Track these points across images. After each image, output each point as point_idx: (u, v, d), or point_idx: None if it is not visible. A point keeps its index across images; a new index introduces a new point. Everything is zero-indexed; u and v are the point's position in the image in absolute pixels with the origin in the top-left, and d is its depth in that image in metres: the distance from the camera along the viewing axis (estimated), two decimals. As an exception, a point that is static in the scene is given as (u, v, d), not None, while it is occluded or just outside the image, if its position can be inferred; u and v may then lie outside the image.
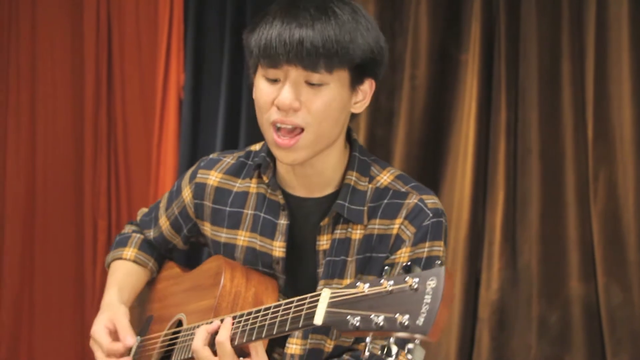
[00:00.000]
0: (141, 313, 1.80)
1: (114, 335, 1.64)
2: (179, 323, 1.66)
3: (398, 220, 1.54)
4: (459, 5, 3.11)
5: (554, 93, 2.98)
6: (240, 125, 3.41)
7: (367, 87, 1.54)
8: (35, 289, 3.84)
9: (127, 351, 1.62)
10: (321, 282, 1.56)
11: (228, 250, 1.65)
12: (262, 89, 1.50)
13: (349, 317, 1.20)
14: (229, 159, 1.70)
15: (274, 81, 1.48)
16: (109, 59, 3.71)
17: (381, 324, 1.16)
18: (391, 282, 1.18)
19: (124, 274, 1.77)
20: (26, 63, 3.80)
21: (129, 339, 1.61)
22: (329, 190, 1.58)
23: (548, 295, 2.97)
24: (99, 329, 1.64)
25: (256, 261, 1.62)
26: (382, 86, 3.20)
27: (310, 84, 1.47)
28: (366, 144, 3.18)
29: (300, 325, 1.32)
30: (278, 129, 1.49)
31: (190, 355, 1.52)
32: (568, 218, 2.96)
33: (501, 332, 3.01)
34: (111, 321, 1.64)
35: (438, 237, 1.56)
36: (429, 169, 3.15)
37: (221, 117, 3.43)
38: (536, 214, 2.98)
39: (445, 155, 3.14)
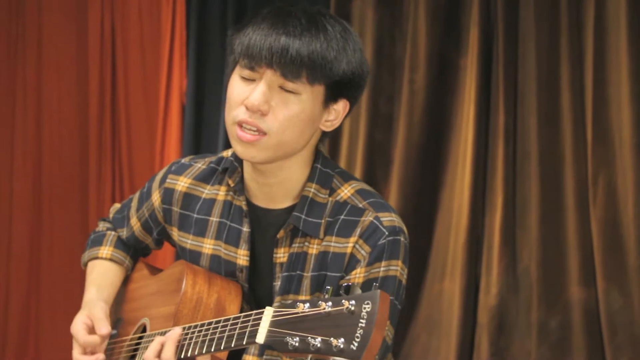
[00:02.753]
0: (113, 315, 1.81)
1: (92, 331, 1.63)
2: (144, 328, 1.66)
3: (353, 239, 1.50)
4: (458, 11, 3.11)
5: (552, 97, 2.97)
6: (242, 131, 3.42)
7: (341, 108, 1.52)
8: (41, 293, 3.87)
9: (104, 341, 1.62)
10: (277, 297, 1.55)
11: (193, 257, 1.64)
12: (236, 87, 1.49)
13: (287, 337, 1.21)
14: (200, 164, 1.68)
15: (250, 81, 1.47)
16: (112, 66, 3.75)
17: (318, 346, 1.17)
18: (329, 304, 1.19)
19: (101, 273, 1.76)
20: (32, 71, 3.84)
21: (104, 329, 1.61)
22: (289, 202, 1.56)
23: (548, 300, 2.95)
24: (76, 325, 1.63)
25: (220, 269, 1.61)
26: (382, 91, 3.21)
27: (284, 89, 1.45)
28: (365, 148, 3.19)
29: (244, 342, 1.31)
30: (241, 127, 1.48)
31: None
32: (567, 222, 2.95)
33: (500, 337, 2.99)
34: (88, 317, 1.64)
35: (395, 256, 1.51)
36: (428, 174, 3.15)
37: (223, 122, 3.45)
38: (535, 219, 2.97)
39: (444, 159, 3.13)
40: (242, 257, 1.58)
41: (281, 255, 1.55)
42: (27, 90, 3.86)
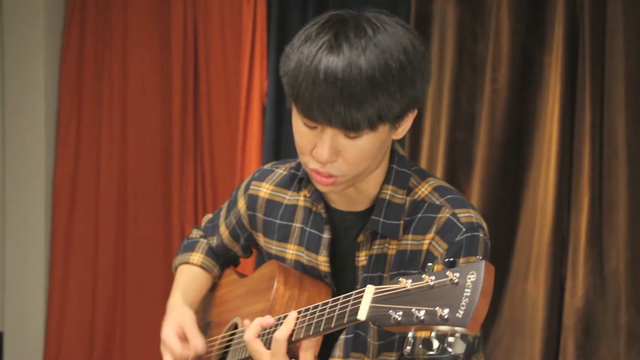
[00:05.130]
0: (202, 320, 1.85)
1: (185, 340, 1.67)
2: (235, 327, 1.69)
3: (429, 236, 1.49)
4: (542, 7, 3.05)
5: (641, 94, 2.89)
6: (322, 131, 3.43)
7: (410, 118, 1.47)
8: (127, 292, 3.97)
9: (198, 356, 1.66)
10: None
11: None
12: (301, 132, 1.43)
13: (391, 311, 1.21)
14: (282, 170, 1.70)
15: (312, 127, 1.41)
16: (195, 68, 3.82)
17: (422, 317, 1.17)
18: (432, 277, 1.19)
19: (189, 278, 1.81)
20: (118, 74, 3.95)
21: (200, 346, 1.65)
22: (368, 204, 1.55)
23: (637, 303, 2.87)
24: (170, 335, 1.68)
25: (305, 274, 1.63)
26: (463, 90, 3.17)
27: (348, 137, 1.40)
28: (447, 147, 3.16)
29: (345, 321, 1.32)
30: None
31: (244, 356, 1.55)
32: (658, 223, 2.86)
33: (587, 340, 2.93)
34: (179, 326, 1.68)
35: (474, 253, 1.48)
36: (511, 173, 3.10)
37: (303, 123, 3.46)
38: (623, 219, 2.88)
39: (527, 159, 3.08)
40: (322, 263, 1.59)
41: (363, 258, 1.55)
42: (113, 92, 3.96)
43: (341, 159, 1.42)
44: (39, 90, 3.99)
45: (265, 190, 1.69)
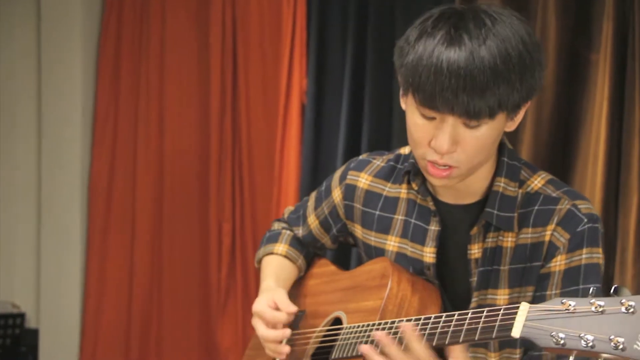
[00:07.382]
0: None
1: (277, 309, 1.68)
2: (336, 321, 1.67)
3: (550, 227, 1.49)
4: (590, 3, 3.01)
5: (693, 92, 2.84)
6: (362, 129, 3.41)
7: (523, 110, 1.49)
8: (163, 290, 3.96)
9: (290, 320, 1.66)
10: (475, 293, 1.53)
11: (378, 254, 1.66)
12: (418, 125, 1.44)
13: (553, 332, 1.18)
14: (379, 162, 1.69)
15: (430, 118, 1.42)
16: (234, 66, 3.80)
17: (591, 343, 1.13)
18: (602, 302, 1.15)
19: (277, 267, 1.81)
20: (155, 74, 3.94)
21: (291, 307, 1.65)
22: (478, 197, 1.55)
23: (687, 305, 2.81)
24: (261, 304, 1.68)
25: (407, 267, 1.61)
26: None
27: (468, 126, 1.41)
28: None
29: (494, 335, 1.28)
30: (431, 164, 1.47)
31: (353, 354, 1.52)
32: None
33: (636, 342, 2.88)
34: (272, 299, 1.69)
35: (595, 244, 1.49)
36: (556, 172, 2.98)
37: (343, 122, 3.45)
38: (673, 219, 2.84)
39: (574, 157, 3.03)
40: (428, 254, 1.58)
41: (476, 251, 1.54)
42: (150, 91, 3.96)
43: (460, 149, 1.43)
44: (75, 90, 4.00)
45: (364, 180, 1.69)
